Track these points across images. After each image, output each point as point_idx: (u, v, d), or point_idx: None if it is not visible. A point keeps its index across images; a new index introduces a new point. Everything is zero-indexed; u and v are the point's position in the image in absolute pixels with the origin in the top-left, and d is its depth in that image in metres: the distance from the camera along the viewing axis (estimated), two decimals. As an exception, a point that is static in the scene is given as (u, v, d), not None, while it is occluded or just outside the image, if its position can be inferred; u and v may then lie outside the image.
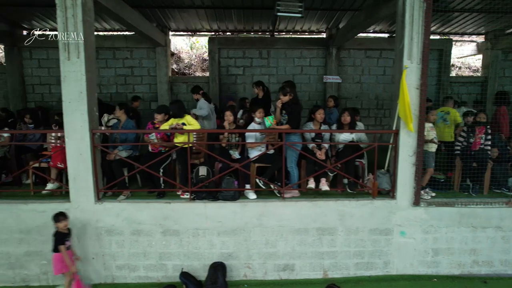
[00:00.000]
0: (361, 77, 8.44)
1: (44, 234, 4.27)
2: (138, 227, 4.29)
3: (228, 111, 4.46)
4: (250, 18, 7.47)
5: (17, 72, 8.02)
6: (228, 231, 4.34)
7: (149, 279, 4.41)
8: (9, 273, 4.36)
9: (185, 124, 4.30)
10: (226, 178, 4.33)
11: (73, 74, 4.05)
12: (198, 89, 6.11)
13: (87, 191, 4.22)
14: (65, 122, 4.11)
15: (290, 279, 4.45)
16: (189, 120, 4.35)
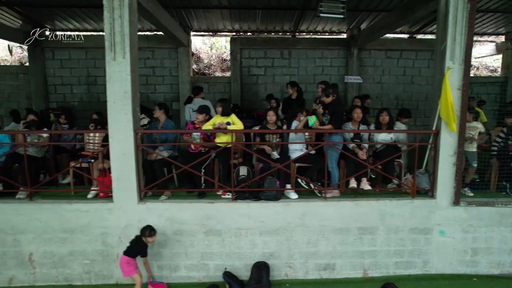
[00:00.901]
0: (381, 77, 8.47)
1: (88, 234, 4.30)
2: (180, 227, 4.31)
3: (271, 111, 4.48)
4: (274, 18, 7.49)
5: (40, 73, 8.02)
6: (270, 231, 4.36)
7: (190, 279, 4.43)
8: (52, 272, 4.37)
9: (230, 123, 4.32)
10: (269, 178, 4.34)
11: (118, 74, 4.07)
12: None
13: (130, 191, 4.23)
14: (109, 122, 4.12)
15: (330, 278, 4.48)
16: (234, 119, 4.37)
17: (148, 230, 3.90)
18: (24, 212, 4.25)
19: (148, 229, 3.91)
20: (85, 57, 8.16)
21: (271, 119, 4.51)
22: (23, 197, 4.43)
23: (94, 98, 8.30)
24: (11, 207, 4.25)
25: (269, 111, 4.51)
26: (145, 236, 3.87)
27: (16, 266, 4.34)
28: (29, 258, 4.33)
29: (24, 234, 4.28)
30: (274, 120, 4.52)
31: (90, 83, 8.24)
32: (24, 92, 8.16)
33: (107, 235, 4.30)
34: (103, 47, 8.31)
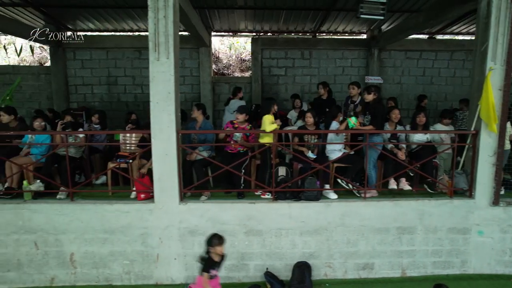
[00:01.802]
0: (401, 77, 8.50)
1: (128, 235, 4.30)
2: (221, 228, 4.30)
3: (309, 113, 4.49)
4: (296, 19, 7.51)
5: (61, 73, 8.02)
6: (310, 231, 4.37)
7: (230, 279, 4.43)
8: (93, 272, 4.37)
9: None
10: (309, 178, 4.36)
11: (162, 75, 4.07)
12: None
13: (172, 192, 4.24)
14: (152, 122, 4.13)
15: (369, 278, 4.49)
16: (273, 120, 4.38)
17: (215, 239, 3.34)
18: (66, 212, 4.25)
19: (215, 237, 3.36)
20: (106, 57, 8.16)
21: (309, 121, 4.52)
22: (63, 197, 4.43)
23: (115, 98, 8.30)
24: (53, 208, 4.25)
25: (308, 112, 4.52)
26: (213, 246, 3.32)
27: (58, 266, 4.34)
28: (70, 258, 4.34)
29: (66, 234, 4.28)
30: (312, 121, 4.53)
31: (111, 83, 8.25)
32: (45, 92, 8.15)
33: (148, 236, 4.30)
34: (123, 47, 8.42)
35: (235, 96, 6.52)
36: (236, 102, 6.34)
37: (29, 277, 4.35)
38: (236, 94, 6.52)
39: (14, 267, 4.32)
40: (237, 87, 6.63)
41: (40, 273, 4.35)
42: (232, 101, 6.40)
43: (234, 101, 6.35)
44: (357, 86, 5.33)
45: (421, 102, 6.88)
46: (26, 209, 4.23)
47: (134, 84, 8.24)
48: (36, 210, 4.24)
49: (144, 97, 8.32)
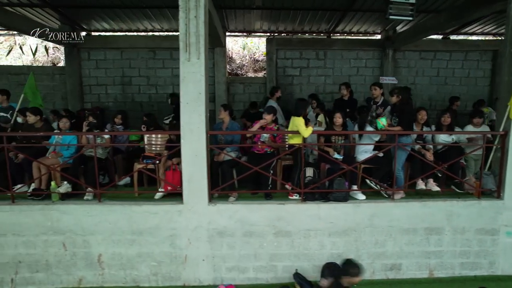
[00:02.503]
0: (415, 78, 8.50)
1: (156, 236, 4.29)
2: (250, 229, 4.30)
3: (338, 113, 4.48)
4: (313, 19, 7.50)
5: (76, 73, 7.99)
6: (339, 232, 4.36)
7: (258, 280, 4.42)
8: (120, 273, 4.35)
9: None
10: (337, 179, 4.35)
11: (192, 75, 4.06)
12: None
13: (201, 193, 4.22)
14: (182, 123, 4.11)
15: (396, 279, 4.48)
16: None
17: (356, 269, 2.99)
18: (94, 214, 4.23)
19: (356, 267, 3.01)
20: (120, 58, 8.14)
21: (338, 121, 4.51)
22: (90, 199, 4.41)
23: (129, 98, 8.28)
24: (81, 209, 4.23)
25: (336, 113, 4.51)
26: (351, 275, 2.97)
27: (86, 267, 4.33)
28: (98, 259, 4.32)
29: (94, 235, 4.27)
30: (341, 122, 4.53)
31: (125, 84, 8.22)
32: (59, 92, 8.12)
33: (176, 237, 4.28)
34: (138, 48, 8.39)
35: (272, 96, 6.36)
36: (273, 102, 6.17)
37: (57, 278, 4.34)
38: (274, 94, 6.34)
39: (43, 268, 4.30)
40: (274, 87, 6.44)
41: (68, 274, 4.34)
42: (270, 101, 6.24)
43: (271, 102, 6.20)
44: (379, 87, 5.32)
45: (452, 104, 6.85)
46: (55, 210, 4.22)
47: (149, 84, 8.22)
48: (65, 211, 4.22)
49: (158, 97, 8.31)
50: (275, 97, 6.25)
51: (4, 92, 5.56)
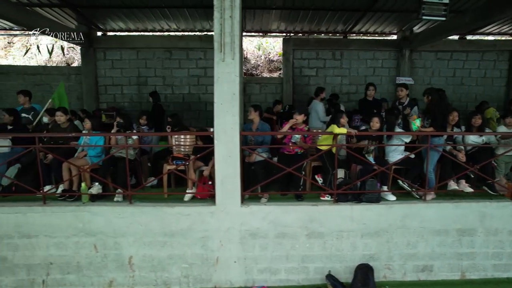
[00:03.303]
0: (431, 78, 8.49)
1: (188, 237, 4.25)
2: (283, 230, 4.27)
3: (376, 118, 4.45)
4: (331, 19, 7.48)
5: (91, 73, 7.95)
6: (371, 233, 4.33)
7: (289, 282, 4.39)
8: (151, 275, 4.32)
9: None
10: (370, 180, 4.33)
11: (227, 76, 4.03)
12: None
13: (234, 194, 4.19)
14: (215, 124, 4.08)
15: (428, 280, 4.46)
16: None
17: None
18: (126, 215, 4.20)
19: None
20: (136, 58, 8.10)
21: (375, 126, 4.47)
22: (120, 200, 4.38)
23: (144, 98, 8.23)
24: (112, 210, 4.20)
25: (374, 117, 4.47)
26: None
27: (116, 269, 4.29)
28: (129, 261, 4.29)
29: (125, 237, 4.23)
30: (378, 127, 4.49)
31: (141, 84, 8.19)
32: (75, 92, 8.09)
33: (208, 239, 4.25)
34: (154, 48, 8.36)
35: (317, 96, 6.25)
36: (318, 103, 6.10)
37: (88, 279, 4.30)
38: (319, 94, 6.22)
39: (74, 269, 4.27)
40: (319, 87, 6.36)
41: (99, 275, 4.31)
42: (314, 102, 6.16)
43: (316, 102, 6.13)
44: (405, 88, 5.31)
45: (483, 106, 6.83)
46: (86, 211, 4.18)
47: (165, 84, 8.18)
48: (96, 212, 4.19)
49: (174, 97, 8.28)
50: (319, 98, 6.15)
51: (26, 93, 5.52)
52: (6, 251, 4.20)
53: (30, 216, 4.16)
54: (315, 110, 5.76)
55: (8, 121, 4.98)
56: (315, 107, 5.88)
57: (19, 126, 5.17)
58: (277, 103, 6.96)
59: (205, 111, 8.25)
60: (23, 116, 5.50)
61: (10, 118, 4.97)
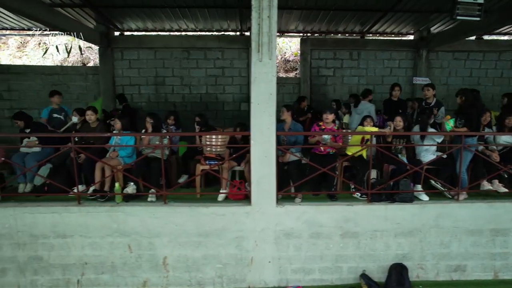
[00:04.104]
0: (447, 78, 8.50)
1: (223, 238, 4.26)
2: (317, 230, 4.27)
3: (399, 117, 4.46)
4: (350, 19, 7.49)
5: (109, 73, 7.94)
6: (404, 233, 4.34)
7: (323, 281, 4.40)
8: (185, 276, 4.32)
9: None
10: (403, 180, 4.33)
11: (264, 76, 4.03)
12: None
13: (270, 194, 4.19)
14: (252, 124, 4.08)
15: (461, 280, 4.47)
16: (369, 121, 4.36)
17: None
18: (160, 216, 4.20)
19: None
20: (153, 57, 8.09)
21: (399, 125, 4.49)
22: (154, 200, 4.37)
23: (162, 98, 8.23)
24: (147, 210, 4.20)
25: (397, 117, 4.48)
26: None
27: (150, 269, 4.29)
28: (163, 262, 4.29)
29: (159, 237, 4.23)
30: (402, 126, 4.51)
31: (158, 84, 8.17)
32: (92, 92, 8.06)
33: (243, 239, 4.25)
34: (172, 47, 8.34)
35: (365, 97, 6.23)
36: (366, 104, 6.10)
37: (122, 280, 4.30)
38: (367, 96, 6.20)
39: (108, 269, 4.27)
40: (367, 89, 6.35)
41: (133, 276, 4.30)
42: (362, 103, 6.13)
43: (364, 103, 6.11)
44: (432, 88, 5.32)
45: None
46: (121, 212, 4.18)
47: (182, 84, 8.17)
48: (131, 213, 4.19)
49: (191, 97, 8.27)
50: (367, 99, 6.16)
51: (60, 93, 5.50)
52: (42, 250, 4.20)
53: (65, 216, 4.16)
54: (368, 111, 5.72)
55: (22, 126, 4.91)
56: (367, 108, 5.88)
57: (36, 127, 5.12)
58: (301, 100, 6.91)
59: (223, 111, 8.25)
60: (55, 117, 5.48)
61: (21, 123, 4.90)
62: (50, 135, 4.79)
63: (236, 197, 4.46)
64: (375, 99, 8.29)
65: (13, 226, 4.14)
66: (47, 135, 4.78)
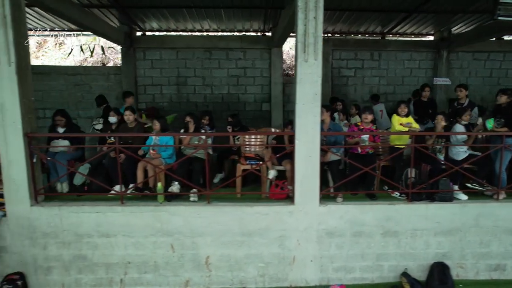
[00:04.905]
0: (467, 79, 8.53)
1: (266, 237, 4.29)
2: (359, 229, 4.31)
3: (440, 116, 4.50)
4: (372, 20, 7.52)
5: (131, 73, 7.95)
6: (444, 232, 4.38)
7: (363, 280, 4.43)
8: (227, 275, 4.35)
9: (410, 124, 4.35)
10: (443, 180, 4.37)
11: (309, 76, 4.06)
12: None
13: (313, 194, 4.22)
14: (297, 124, 4.11)
15: (501, 279, 4.51)
16: (412, 121, 4.39)
17: None
18: (204, 215, 4.22)
19: None
20: (175, 58, 8.09)
21: (440, 124, 4.53)
22: (196, 200, 4.39)
23: (184, 98, 8.24)
24: (191, 210, 4.22)
25: (439, 115, 4.52)
26: None
27: (193, 269, 4.32)
28: (206, 261, 4.31)
29: (202, 237, 4.26)
30: (443, 125, 4.54)
31: (180, 84, 8.18)
32: (114, 92, 8.06)
33: (285, 238, 4.28)
34: (194, 48, 8.34)
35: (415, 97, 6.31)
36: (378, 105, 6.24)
37: (165, 279, 4.32)
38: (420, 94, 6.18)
39: (151, 269, 4.29)
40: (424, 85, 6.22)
41: (176, 275, 4.33)
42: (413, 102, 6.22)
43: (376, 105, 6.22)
44: (464, 89, 5.36)
45: None
46: (164, 211, 4.20)
47: (204, 84, 8.18)
48: (174, 212, 4.21)
49: (213, 97, 8.29)
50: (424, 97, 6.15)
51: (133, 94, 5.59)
52: (86, 249, 4.22)
53: (109, 215, 4.18)
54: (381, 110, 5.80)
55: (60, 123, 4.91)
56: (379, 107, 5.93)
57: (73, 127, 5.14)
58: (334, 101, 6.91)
59: (244, 111, 8.26)
60: None
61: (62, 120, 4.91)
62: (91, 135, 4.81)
63: (277, 196, 4.49)
64: (395, 100, 8.40)
65: (58, 225, 4.16)
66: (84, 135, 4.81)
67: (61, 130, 4.79)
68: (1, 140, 3.99)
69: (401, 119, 4.56)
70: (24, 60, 4.05)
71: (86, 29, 6.41)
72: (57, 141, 4.67)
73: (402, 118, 4.46)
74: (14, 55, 3.86)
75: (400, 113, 4.61)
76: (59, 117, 4.78)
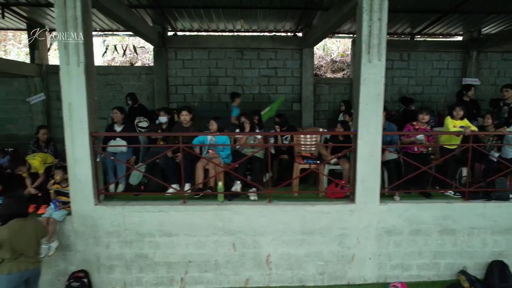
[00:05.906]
0: (496, 79, 8.61)
1: (326, 235, 4.34)
2: (417, 227, 4.36)
3: (488, 115, 4.57)
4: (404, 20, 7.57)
5: (163, 73, 7.96)
6: (501, 230, 4.44)
7: (420, 278, 4.49)
8: (287, 273, 4.39)
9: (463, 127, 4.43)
10: (499, 179, 4.43)
11: (373, 77, 4.11)
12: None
13: (374, 192, 4.27)
14: (359, 124, 4.16)
15: (555, 277, 4.57)
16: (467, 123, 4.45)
17: None
18: (266, 214, 4.26)
19: None
20: (207, 58, 8.11)
21: (488, 123, 4.59)
22: (256, 199, 4.44)
23: (215, 98, 8.26)
24: (253, 209, 4.26)
25: (486, 114, 4.58)
26: None
27: (253, 267, 4.36)
28: (266, 260, 4.35)
29: (264, 235, 4.30)
30: (491, 123, 4.61)
31: (211, 84, 8.20)
32: (145, 92, 8.08)
33: (345, 236, 4.33)
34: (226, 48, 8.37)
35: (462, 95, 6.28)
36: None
37: (225, 278, 4.36)
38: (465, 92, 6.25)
39: (212, 267, 4.33)
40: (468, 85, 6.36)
41: (236, 274, 4.36)
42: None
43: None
44: (511, 89, 5.41)
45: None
46: (227, 210, 4.24)
47: (235, 84, 8.20)
48: (237, 211, 4.25)
49: (244, 97, 8.25)
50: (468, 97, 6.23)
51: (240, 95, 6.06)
52: (148, 248, 4.25)
53: (172, 215, 4.21)
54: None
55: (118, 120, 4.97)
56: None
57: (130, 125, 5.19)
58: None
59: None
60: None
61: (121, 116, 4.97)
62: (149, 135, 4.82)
63: (334, 195, 4.53)
64: (423, 100, 8.48)
65: (121, 224, 4.19)
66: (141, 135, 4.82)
67: (118, 128, 4.81)
68: (68, 139, 4.02)
69: (455, 122, 4.60)
70: (90, 60, 4.07)
71: (129, 29, 6.41)
72: (114, 141, 4.69)
73: (457, 121, 4.50)
74: (83, 56, 3.88)
75: (455, 116, 4.65)
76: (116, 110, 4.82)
